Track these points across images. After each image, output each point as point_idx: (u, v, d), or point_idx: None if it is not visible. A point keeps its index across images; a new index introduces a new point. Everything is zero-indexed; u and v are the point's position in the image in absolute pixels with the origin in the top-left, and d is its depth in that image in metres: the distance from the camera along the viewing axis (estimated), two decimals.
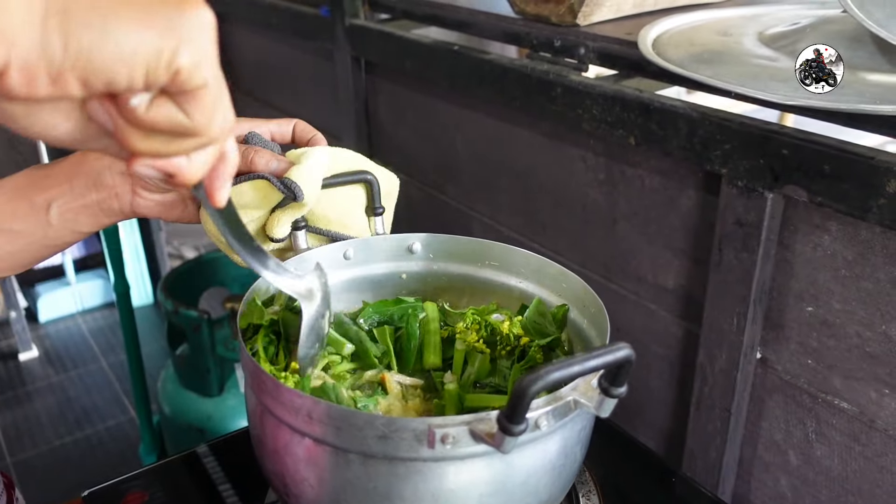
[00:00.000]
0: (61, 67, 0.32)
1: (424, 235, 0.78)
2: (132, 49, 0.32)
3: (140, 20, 0.32)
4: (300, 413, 0.54)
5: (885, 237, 0.76)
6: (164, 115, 0.36)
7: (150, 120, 0.36)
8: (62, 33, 0.31)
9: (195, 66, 0.34)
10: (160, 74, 0.34)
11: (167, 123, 0.36)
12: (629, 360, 0.50)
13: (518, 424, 0.49)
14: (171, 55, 0.33)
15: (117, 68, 0.33)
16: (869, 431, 0.83)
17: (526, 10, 1.12)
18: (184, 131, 0.37)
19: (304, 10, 1.60)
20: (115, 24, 0.32)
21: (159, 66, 0.33)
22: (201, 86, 0.35)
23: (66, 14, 0.31)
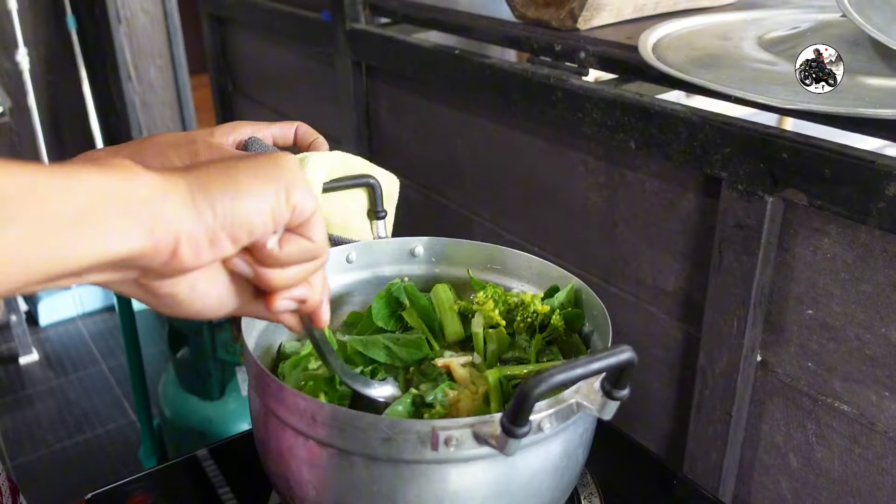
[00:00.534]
0: (215, 231, 0.40)
1: (427, 239, 0.79)
2: (260, 201, 0.41)
3: (258, 179, 0.42)
4: (304, 415, 0.55)
5: (884, 240, 0.77)
6: (294, 245, 0.45)
7: (286, 254, 0.44)
8: (209, 204, 0.40)
9: (304, 199, 0.43)
10: (284, 213, 0.43)
11: (298, 251, 0.45)
12: (632, 363, 0.50)
13: (521, 427, 0.49)
14: (286, 196, 0.42)
15: (255, 219, 0.41)
16: (869, 434, 0.83)
17: (526, 14, 1.13)
18: (310, 253, 0.45)
19: (306, 15, 1.60)
20: (244, 187, 0.41)
21: (281, 207, 0.42)
22: (314, 212, 0.44)
23: (207, 190, 0.40)
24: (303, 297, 0.48)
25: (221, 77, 2.16)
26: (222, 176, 0.41)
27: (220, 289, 0.45)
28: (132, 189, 0.37)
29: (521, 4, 1.13)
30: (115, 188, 0.37)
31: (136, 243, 0.37)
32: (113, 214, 0.36)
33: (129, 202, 0.37)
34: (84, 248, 0.36)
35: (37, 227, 0.34)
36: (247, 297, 0.47)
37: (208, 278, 0.43)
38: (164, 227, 0.38)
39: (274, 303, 0.47)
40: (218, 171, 0.41)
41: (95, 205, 0.36)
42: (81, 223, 0.35)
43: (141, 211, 0.37)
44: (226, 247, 0.41)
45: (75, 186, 0.35)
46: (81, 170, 0.36)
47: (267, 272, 0.45)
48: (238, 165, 0.42)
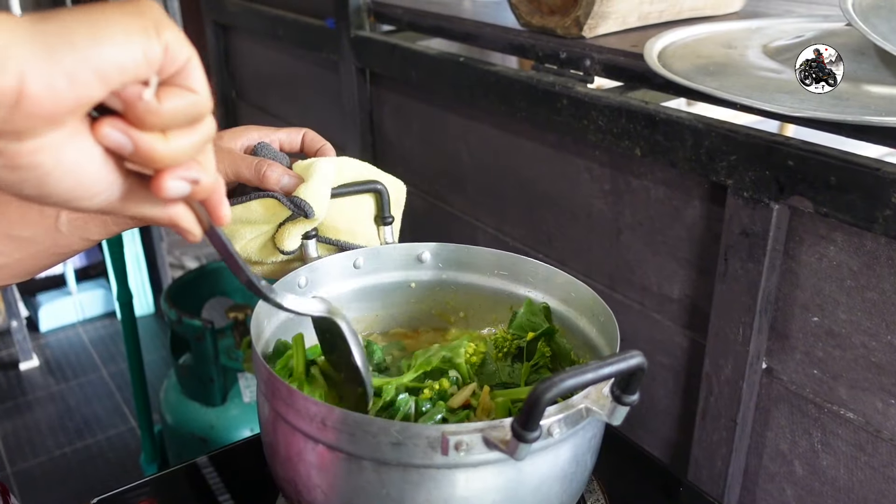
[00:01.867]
0: (75, 66, 0.34)
1: (434, 245, 0.79)
2: (128, 35, 0.36)
3: (122, 15, 0.36)
4: (314, 420, 0.55)
5: (890, 248, 0.77)
6: (176, 98, 0.38)
7: (167, 108, 0.38)
8: (66, 39, 0.34)
9: (177, 40, 0.37)
10: (156, 51, 0.36)
11: (182, 104, 0.38)
12: (641, 368, 0.51)
13: (532, 431, 0.49)
14: (156, 32, 0.36)
15: (123, 53, 0.35)
16: (875, 441, 0.83)
17: (532, 22, 1.13)
18: (194, 108, 0.39)
19: (310, 22, 1.61)
20: (106, 21, 0.35)
21: (152, 44, 0.36)
22: (191, 55, 0.38)
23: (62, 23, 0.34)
24: (195, 177, 0.41)
25: (225, 83, 2.17)
26: (77, 13, 0.35)
27: (94, 166, 0.38)
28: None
29: (526, 12, 1.14)
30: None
31: None
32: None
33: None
34: None
35: None
36: (129, 187, 0.40)
37: (79, 148, 0.37)
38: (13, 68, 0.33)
39: (162, 185, 0.39)
40: (70, 11, 0.35)
41: None
42: None
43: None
44: (91, 85, 0.35)
45: None
46: None
47: (148, 139, 0.38)
48: (94, 6, 0.36)
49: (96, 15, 0.36)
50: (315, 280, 0.74)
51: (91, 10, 0.36)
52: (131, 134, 0.38)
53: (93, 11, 0.36)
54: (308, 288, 0.74)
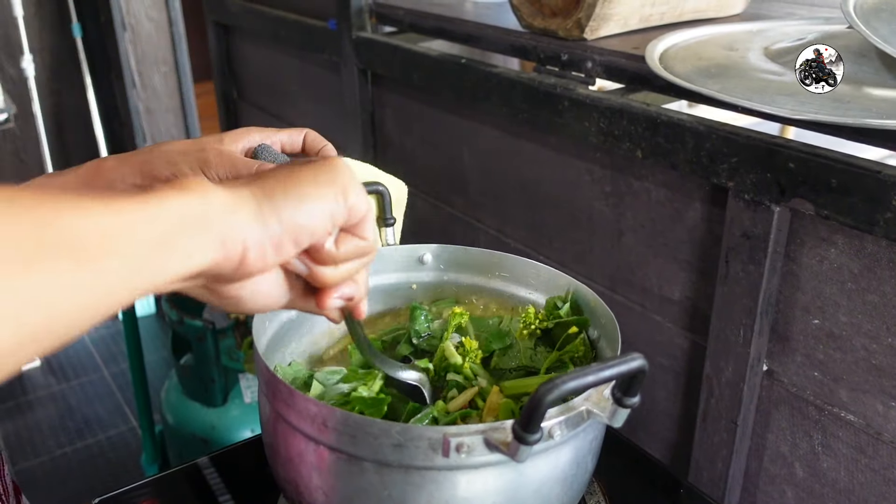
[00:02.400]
0: (280, 237, 0.43)
1: (435, 246, 0.79)
2: (321, 206, 0.45)
3: (317, 185, 0.45)
4: (315, 421, 0.55)
5: (891, 251, 0.77)
6: (349, 244, 0.48)
7: (342, 252, 0.48)
8: (274, 213, 0.43)
9: (359, 200, 0.47)
10: (342, 215, 0.46)
11: (353, 249, 0.48)
12: (643, 371, 0.51)
13: (533, 434, 0.49)
14: (343, 199, 0.46)
15: (316, 223, 0.45)
16: (875, 444, 0.83)
17: (533, 24, 1.13)
18: (363, 251, 0.49)
19: (312, 23, 1.61)
20: (305, 193, 0.44)
21: (339, 209, 0.46)
22: (367, 211, 0.48)
23: (272, 199, 0.43)
24: (350, 295, 0.51)
25: (226, 84, 2.17)
26: (285, 184, 0.44)
27: (277, 287, 0.48)
28: (207, 208, 0.40)
29: (527, 14, 1.14)
30: (194, 209, 0.40)
31: (211, 257, 0.41)
32: (195, 234, 0.40)
33: (206, 221, 0.40)
34: (171, 268, 0.39)
35: (131, 257, 0.36)
36: (297, 293, 0.50)
37: (268, 279, 0.47)
38: (233, 238, 0.41)
39: (326, 301, 0.50)
40: (280, 180, 0.44)
41: (179, 227, 0.39)
42: (168, 246, 0.38)
43: (216, 227, 0.41)
44: (289, 250, 0.44)
45: (160, 213, 0.38)
46: (162, 195, 0.39)
47: (322, 270, 0.48)
48: (299, 173, 0.45)
49: (297, 187, 0.44)
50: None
51: (294, 176, 0.45)
52: (310, 265, 0.48)
53: (295, 182, 0.45)
54: None
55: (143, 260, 0.37)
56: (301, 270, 0.48)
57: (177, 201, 0.39)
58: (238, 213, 0.42)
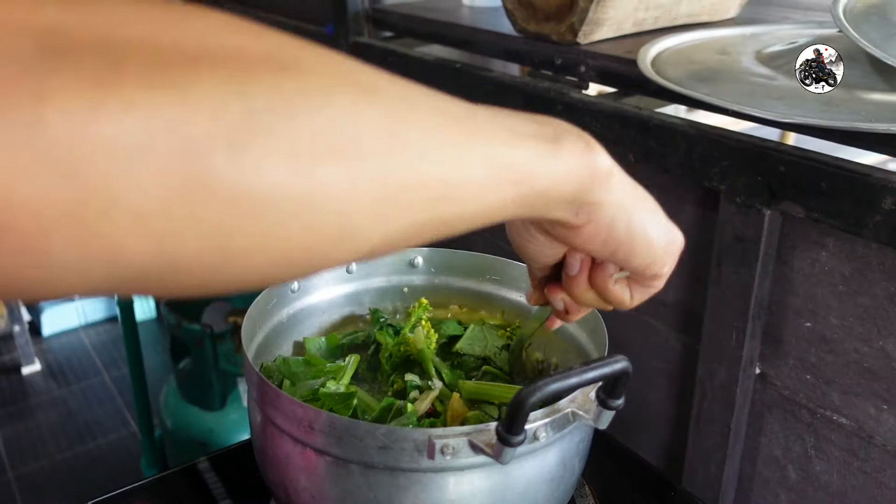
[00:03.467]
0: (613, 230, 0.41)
1: (426, 250, 0.79)
2: (658, 248, 0.43)
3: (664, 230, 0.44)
4: (302, 423, 0.55)
5: (881, 253, 0.77)
6: (619, 291, 0.48)
7: (611, 290, 0.47)
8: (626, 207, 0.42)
9: (667, 275, 0.46)
10: (653, 270, 0.45)
11: (616, 296, 0.48)
12: (626, 373, 0.51)
13: (516, 435, 0.49)
14: (663, 263, 0.44)
15: (648, 248, 0.43)
16: (867, 447, 0.83)
17: (527, 28, 1.14)
18: (619, 304, 0.49)
19: (309, 28, 1.62)
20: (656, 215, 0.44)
21: (655, 266, 0.44)
22: (658, 288, 0.48)
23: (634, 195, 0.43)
24: (570, 309, 0.53)
25: None
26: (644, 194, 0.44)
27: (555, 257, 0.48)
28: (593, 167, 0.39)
29: (521, 19, 1.14)
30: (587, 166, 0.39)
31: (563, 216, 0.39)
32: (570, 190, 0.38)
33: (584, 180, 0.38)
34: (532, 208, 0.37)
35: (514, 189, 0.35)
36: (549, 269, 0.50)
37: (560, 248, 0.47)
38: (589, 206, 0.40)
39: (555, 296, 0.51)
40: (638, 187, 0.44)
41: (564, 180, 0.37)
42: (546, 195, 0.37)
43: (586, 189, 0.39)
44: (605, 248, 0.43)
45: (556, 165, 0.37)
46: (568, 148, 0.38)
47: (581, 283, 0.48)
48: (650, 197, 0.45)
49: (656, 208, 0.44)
50: (308, 285, 0.75)
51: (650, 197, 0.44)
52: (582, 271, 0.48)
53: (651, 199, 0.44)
54: (301, 292, 0.74)
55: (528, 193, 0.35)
56: (572, 266, 0.48)
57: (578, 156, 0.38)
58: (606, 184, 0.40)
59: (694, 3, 1.14)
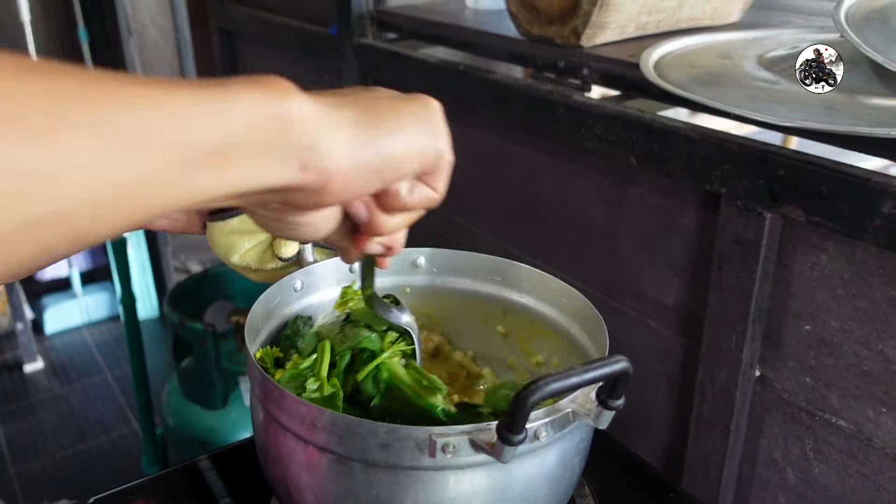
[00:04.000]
0: (371, 171, 0.38)
1: (429, 250, 0.80)
2: (418, 143, 0.41)
3: (417, 119, 0.41)
4: (304, 421, 0.56)
5: (881, 257, 0.78)
6: (420, 194, 0.44)
7: (412, 201, 0.44)
8: (373, 145, 0.38)
9: (448, 150, 0.43)
10: (431, 158, 0.42)
11: (422, 199, 0.44)
12: (626, 373, 0.51)
13: (517, 434, 0.50)
14: (436, 143, 0.42)
15: (408, 162, 0.40)
16: (866, 450, 0.84)
17: (531, 31, 1.14)
18: (430, 203, 0.45)
19: (314, 30, 1.62)
20: (406, 128, 0.40)
21: (430, 153, 0.42)
22: (449, 162, 0.44)
23: (372, 128, 0.38)
24: (390, 244, 0.48)
25: None
26: (381, 109, 0.39)
27: (332, 223, 0.43)
28: (288, 113, 0.34)
29: (525, 21, 1.15)
30: (272, 109, 0.33)
31: (286, 178, 0.35)
32: (270, 143, 0.33)
33: (286, 129, 0.34)
34: (231, 179, 0.33)
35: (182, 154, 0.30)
36: (340, 229, 0.46)
37: (331, 213, 0.42)
38: (319, 163, 0.35)
39: (366, 245, 0.47)
40: (380, 107, 0.39)
41: (251, 130, 0.32)
42: (232, 153, 0.32)
43: (296, 140, 0.34)
44: (375, 184, 0.40)
45: (227, 108, 0.32)
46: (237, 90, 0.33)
47: (381, 217, 0.44)
48: (395, 101, 0.41)
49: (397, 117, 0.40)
50: (311, 284, 0.75)
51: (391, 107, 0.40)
52: (372, 212, 0.44)
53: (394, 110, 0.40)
54: (303, 291, 0.75)
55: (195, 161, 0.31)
56: (361, 215, 0.44)
57: (253, 96, 0.33)
58: (329, 137, 0.36)
59: (696, 7, 1.14)
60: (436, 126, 0.42)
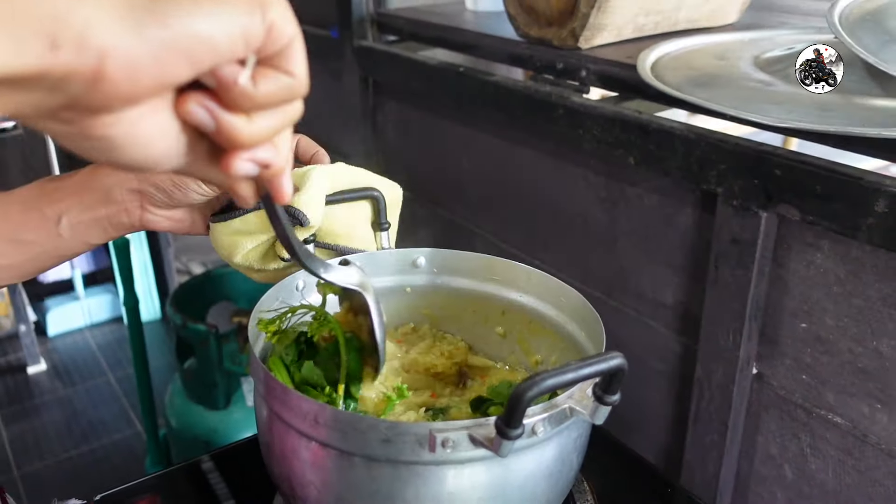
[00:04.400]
0: (163, 46, 0.31)
1: (429, 250, 0.81)
2: (229, 13, 0.32)
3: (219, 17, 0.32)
4: (307, 417, 0.57)
5: (874, 255, 0.79)
6: (272, 82, 0.36)
7: (262, 92, 0.35)
8: (157, 15, 0.30)
9: (283, 18, 0.35)
10: (258, 32, 0.34)
11: (277, 88, 0.36)
12: (622, 369, 0.52)
13: (515, 429, 0.51)
14: (262, 12, 0.34)
15: (219, 34, 0.32)
16: (862, 445, 0.85)
17: (529, 33, 1.16)
18: (290, 92, 0.37)
19: (314, 32, 1.64)
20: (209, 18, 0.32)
21: (254, 24, 0.33)
22: (294, 35, 0.36)
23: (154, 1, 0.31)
24: (267, 161, 0.38)
25: None
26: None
27: (168, 139, 0.36)
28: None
29: (524, 24, 1.16)
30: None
31: (29, 60, 0.28)
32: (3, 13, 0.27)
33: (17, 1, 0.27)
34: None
35: None
36: (198, 154, 0.38)
37: (155, 122, 0.34)
38: (74, 38, 0.28)
39: (233, 163, 0.37)
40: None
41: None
42: None
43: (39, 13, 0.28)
44: (178, 67, 0.32)
45: None
46: None
47: (233, 120, 0.36)
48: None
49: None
50: (312, 283, 0.76)
51: None
52: (217, 114, 0.35)
53: None
54: (305, 290, 0.76)
55: None
56: (204, 121, 0.35)
57: None
58: (85, 4, 0.29)
59: (693, 8, 1.15)
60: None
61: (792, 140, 0.86)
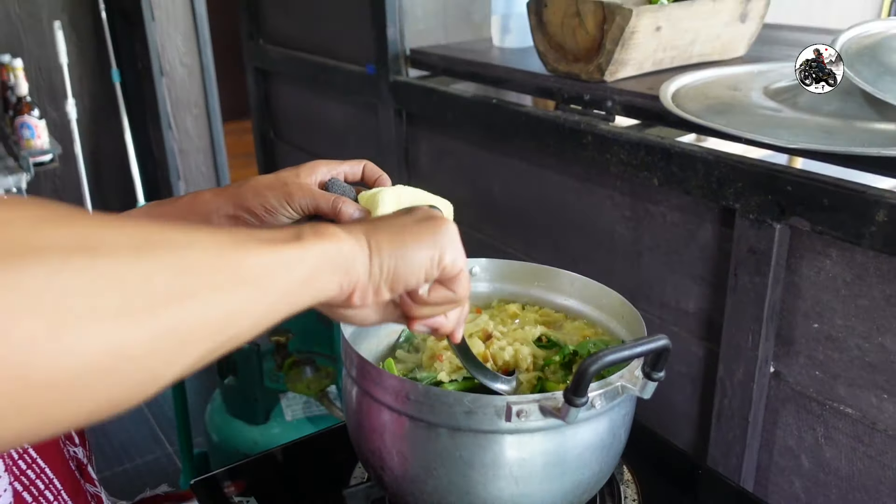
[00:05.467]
0: (380, 284, 0.52)
1: (484, 260, 0.92)
2: (419, 262, 0.53)
3: (419, 242, 0.54)
4: (399, 395, 0.67)
5: (877, 260, 0.89)
6: (439, 295, 0.58)
7: (431, 300, 0.58)
8: (380, 264, 0.51)
9: (453, 262, 0.55)
10: (434, 273, 0.55)
11: (441, 298, 0.58)
12: (667, 348, 0.63)
13: (581, 397, 0.61)
14: (439, 259, 0.54)
15: (411, 277, 0.53)
16: (871, 433, 0.94)
17: (558, 68, 1.27)
18: (450, 301, 0.59)
19: (351, 68, 1.76)
20: (408, 251, 0.53)
21: (433, 268, 0.54)
22: (459, 272, 0.57)
23: (380, 252, 0.51)
24: (436, 326, 0.62)
25: (264, 124, 2.32)
26: (393, 239, 0.53)
27: (378, 311, 0.58)
28: (339, 252, 0.49)
29: (553, 60, 1.28)
30: (331, 253, 0.48)
31: (329, 296, 0.49)
32: (327, 273, 0.48)
33: (337, 263, 0.49)
34: (307, 298, 0.47)
35: (285, 288, 0.45)
36: (395, 315, 0.60)
37: (373, 311, 0.57)
38: (349, 280, 0.50)
39: (413, 326, 0.61)
40: (390, 233, 0.53)
41: (317, 268, 0.47)
42: (307, 283, 0.47)
43: (342, 269, 0.49)
44: (385, 295, 0.53)
45: (305, 255, 0.46)
46: (308, 240, 0.47)
47: (412, 306, 0.58)
48: (405, 230, 0.54)
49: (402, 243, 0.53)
50: None
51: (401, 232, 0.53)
52: (405, 299, 0.58)
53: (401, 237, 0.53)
54: None
55: (292, 290, 0.45)
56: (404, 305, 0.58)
57: (320, 245, 0.47)
58: (357, 259, 0.50)
59: (706, 43, 1.27)
60: (438, 247, 0.54)
61: (800, 160, 0.96)
